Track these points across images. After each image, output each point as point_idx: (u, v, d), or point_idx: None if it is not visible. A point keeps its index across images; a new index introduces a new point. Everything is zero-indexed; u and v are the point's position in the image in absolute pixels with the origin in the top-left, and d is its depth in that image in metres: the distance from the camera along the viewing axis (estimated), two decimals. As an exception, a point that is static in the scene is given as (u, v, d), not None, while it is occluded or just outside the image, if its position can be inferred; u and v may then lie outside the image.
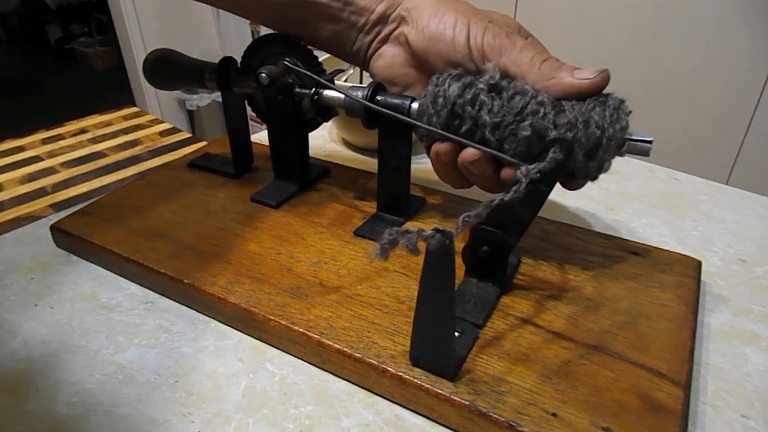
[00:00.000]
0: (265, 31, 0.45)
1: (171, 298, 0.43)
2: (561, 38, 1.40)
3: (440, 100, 0.37)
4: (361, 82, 0.65)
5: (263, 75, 0.41)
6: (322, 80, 0.41)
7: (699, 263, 0.43)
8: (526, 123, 0.34)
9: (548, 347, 0.35)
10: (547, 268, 0.42)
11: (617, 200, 0.55)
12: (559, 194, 0.53)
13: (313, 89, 0.44)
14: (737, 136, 1.22)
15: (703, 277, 0.43)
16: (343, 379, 0.36)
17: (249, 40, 0.44)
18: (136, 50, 2.31)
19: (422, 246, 0.28)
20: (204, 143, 0.87)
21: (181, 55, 0.51)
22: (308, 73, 0.41)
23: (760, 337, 0.39)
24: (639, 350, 0.35)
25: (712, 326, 0.40)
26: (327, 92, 0.44)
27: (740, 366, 0.37)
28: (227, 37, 2.39)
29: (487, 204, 0.29)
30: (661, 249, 0.44)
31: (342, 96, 0.43)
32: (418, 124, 0.38)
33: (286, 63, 0.42)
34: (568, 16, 1.37)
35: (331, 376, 0.36)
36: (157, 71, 0.50)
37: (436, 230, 0.27)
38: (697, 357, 0.37)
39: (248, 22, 2.23)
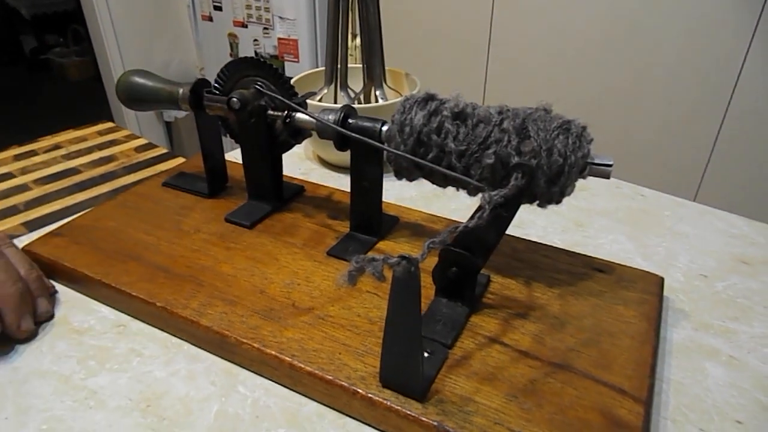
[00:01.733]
0: (243, 44, 0.46)
1: (143, 321, 0.43)
2: (533, 53, 1.42)
3: (407, 128, 0.38)
4: (335, 102, 0.66)
5: (234, 99, 0.41)
6: (293, 104, 0.42)
7: (661, 280, 0.44)
8: (490, 151, 0.35)
9: (515, 366, 0.36)
10: (515, 287, 0.43)
11: (585, 216, 0.57)
12: (530, 211, 0.54)
13: (286, 112, 0.44)
14: (704, 152, 1.26)
15: (666, 293, 0.45)
16: (315, 400, 0.36)
17: (227, 50, 0.45)
18: (113, 61, 2.29)
19: (389, 272, 0.29)
20: (179, 160, 0.87)
21: (154, 77, 0.51)
22: (280, 97, 0.42)
23: (719, 352, 0.40)
24: (602, 368, 0.36)
25: (674, 341, 0.41)
26: (299, 115, 0.44)
27: (700, 381, 0.38)
28: (206, 48, 2.39)
29: (452, 230, 0.30)
30: (625, 266, 0.46)
31: (314, 119, 0.43)
32: (387, 149, 0.39)
33: (257, 87, 0.43)
34: (540, 33, 1.39)
35: (303, 398, 0.37)
36: (131, 95, 0.50)
37: (402, 257, 0.28)
38: (659, 372, 0.38)
39: (227, 33, 2.23)
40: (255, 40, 2.13)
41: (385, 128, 0.42)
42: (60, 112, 3.09)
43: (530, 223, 0.55)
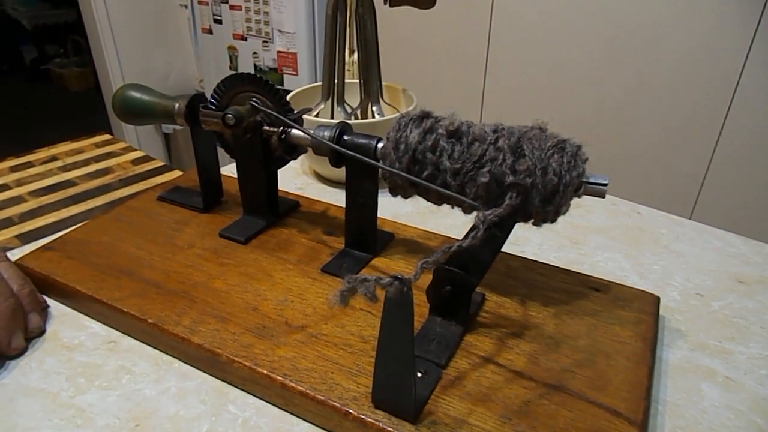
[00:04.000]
0: (242, 57, 0.46)
1: (134, 338, 0.42)
2: (530, 70, 1.43)
3: (401, 146, 0.38)
4: (332, 117, 0.66)
5: (229, 115, 0.41)
6: (288, 120, 0.42)
7: (657, 299, 0.44)
8: (485, 170, 0.35)
9: (509, 387, 0.35)
10: (510, 305, 0.43)
11: (581, 234, 0.56)
12: (525, 228, 0.54)
13: (281, 128, 0.44)
14: (701, 169, 1.26)
15: (662, 312, 0.45)
16: (307, 421, 0.36)
17: (227, 63, 0.45)
18: (112, 72, 2.29)
19: (382, 292, 0.29)
20: (176, 173, 0.87)
21: (150, 91, 0.51)
22: (275, 113, 0.42)
23: (716, 373, 0.40)
24: (597, 389, 0.35)
25: (669, 362, 0.41)
26: (294, 132, 0.44)
27: (696, 402, 0.38)
28: (205, 61, 2.40)
29: (446, 250, 0.30)
30: (621, 284, 0.45)
31: (309, 136, 0.43)
32: (382, 166, 0.39)
33: (252, 103, 0.43)
34: (537, 50, 1.40)
35: (295, 418, 0.36)
36: (126, 109, 0.50)
37: (394, 277, 0.28)
38: (655, 393, 0.38)
39: (226, 46, 2.25)
40: (254, 53, 2.14)
41: (380, 145, 0.42)
42: (59, 123, 3.10)
43: (525, 240, 0.55)
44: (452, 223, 0.57)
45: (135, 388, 0.38)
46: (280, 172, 0.52)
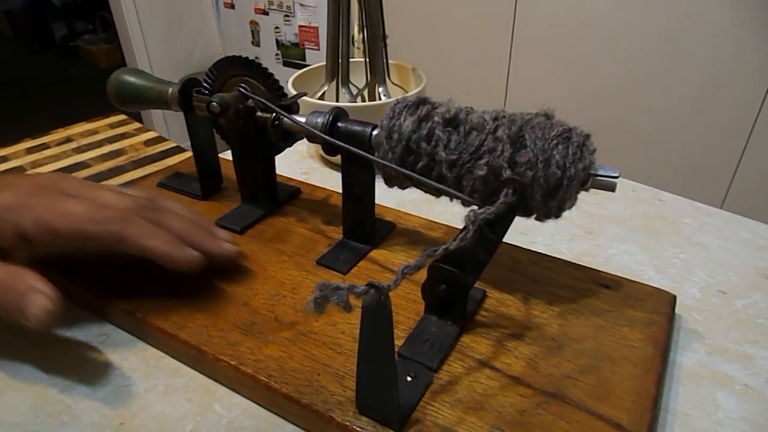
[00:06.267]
0: (264, 32, 0.43)
1: (125, 331, 0.42)
2: (557, 62, 1.37)
3: (395, 135, 0.35)
4: (337, 99, 0.63)
5: (214, 104, 0.39)
6: (275, 107, 0.40)
7: (673, 298, 0.41)
8: (482, 162, 0.33)
9: (504, 394, 0.33)
10: (512, 303, 0.40)
11: (597, 223, 0.53)
12: (536, 217, 0.51)
13: (273, 115, 0.42)
14: (734, 153, 1.19)
15: (678, 311, 0.42)
16: (292, 423, 0.35)
17: (249, 39, 0.43)
18: (137, 49, 2.30)
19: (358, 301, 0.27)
20: (187, 154, 0.86)
21: (146, 75, 0.49)
22: (262, 99, 0.40)
23: (734, 380, 0.37)
24: (599, 398, 0.33)
25: (683, 366, 0.38)
26: (287, 119, 0.42)
27: (710, 413, 0.35)
28: (227, 36, 2.38)
29: (430, 253, 0.28)
30: (634, 281, 0.42)
31: (300, 124, 0.41)
32: (373, 158, 0.37)
33: (240, 89, 0.41)
34: (564, 43, 1.33)
35: (280, 419, 0.35)
36: (120, 95, 0.48)
37: (370, 285, 0.26)
38: (665, 401, 0.35)
39: (248, 20, 2.22)
40: (276, 27, 2.11)
41: (374, 133, 0.39)
42: (89, 99, 3.14)
43: (536, 229, 0.52)
44: (460, 211, 0.54)
45: (123, 384, 0.38)
46: (285, 156, 0.50)
